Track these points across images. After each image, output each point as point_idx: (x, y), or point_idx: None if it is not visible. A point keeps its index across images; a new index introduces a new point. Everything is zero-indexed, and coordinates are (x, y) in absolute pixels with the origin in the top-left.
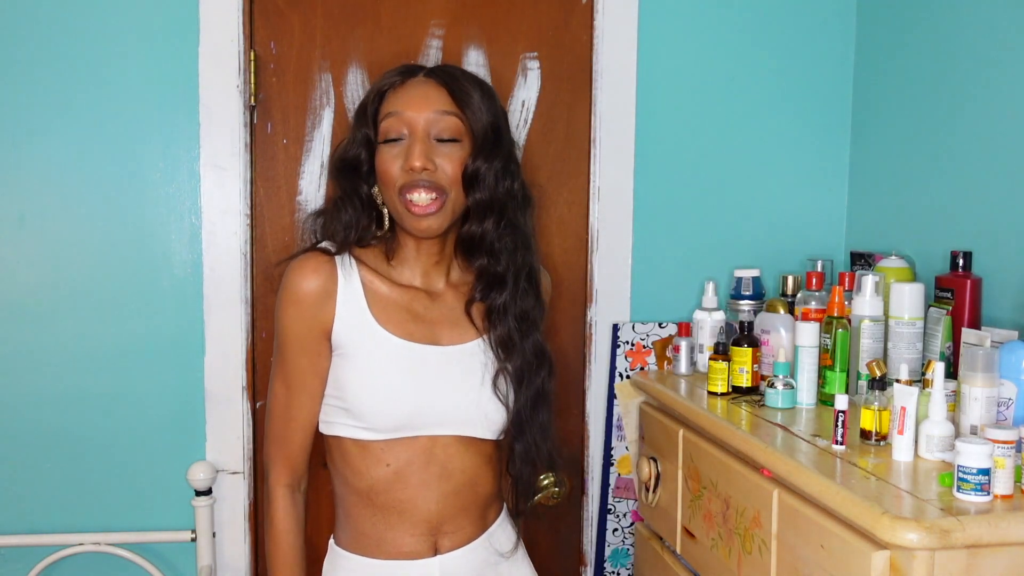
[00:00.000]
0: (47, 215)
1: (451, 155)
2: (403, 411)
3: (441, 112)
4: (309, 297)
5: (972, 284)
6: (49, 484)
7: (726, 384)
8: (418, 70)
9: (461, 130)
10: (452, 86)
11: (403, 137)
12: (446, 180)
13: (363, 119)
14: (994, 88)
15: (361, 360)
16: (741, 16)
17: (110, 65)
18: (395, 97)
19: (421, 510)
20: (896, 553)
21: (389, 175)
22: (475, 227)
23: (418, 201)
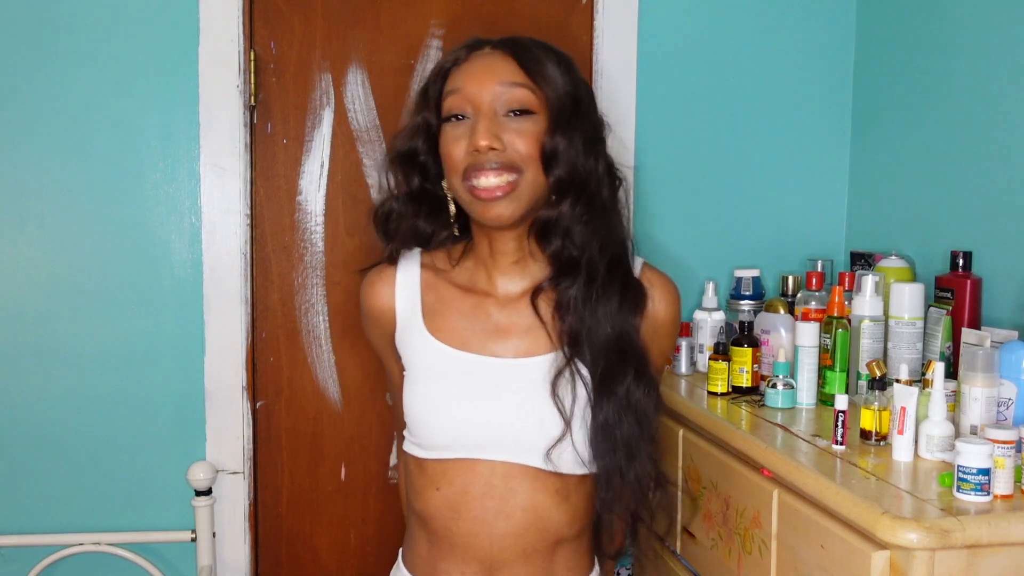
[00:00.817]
0: (47, 215)
1: (523, 130)
2: (453, 427)
3: (508, 84)
4: (372, 311)
5: (972, 284)
6: (49, 484)
7: (726, 384)
8: (484, 43)
9: (534, 102)
10: (521, 55)
11: (467, 115)
12: (519, 158)
13: (424, 102)
14: (994, 88)
15: (413, 370)
16: (741, 16)
17: (110, 65)
18: (458, 73)
19: (473, 547)
20: (896, 553)
21: (452, 158)
22: (550, 210)
23: (484, 185)
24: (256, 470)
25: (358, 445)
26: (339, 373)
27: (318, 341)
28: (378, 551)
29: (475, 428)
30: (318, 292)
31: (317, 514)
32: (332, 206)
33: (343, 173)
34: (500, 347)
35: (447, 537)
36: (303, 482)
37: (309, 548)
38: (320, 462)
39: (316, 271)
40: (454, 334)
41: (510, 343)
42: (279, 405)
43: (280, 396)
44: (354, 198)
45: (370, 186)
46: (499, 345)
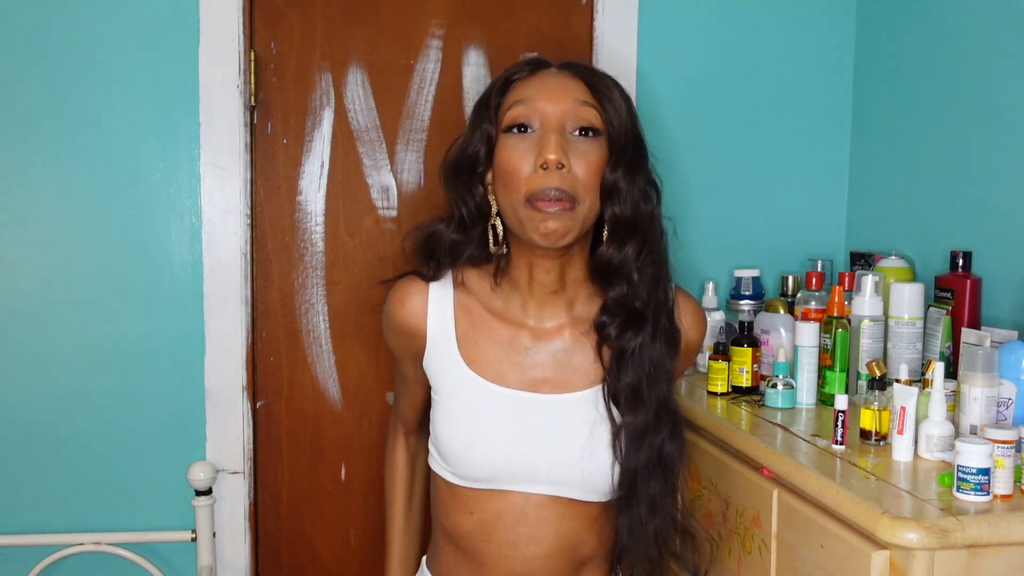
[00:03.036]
0: (47, 215)
1: (588, 154)
2: (487, 463)
3: (580, 102)
4: (399, 326)
5: (972, 284)
6: (49, 484)
7: (726, 384)
8: (548, 64)
9: (601, 124)
10: (590, 79)
11: (533, 128)
12: (578, 184)
13: (484, 113)
14: (994, 88)
15: (447, 401)
16: (741, 16)
17: (110, 65)
18: (525, 86)
19: (503, 568)
20: (896, 553)
21: (515, 175)
22: (614, 250)
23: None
24: (256, 470)
25: (358, 445)
26: (339, 373)
27: (318, 341)
28: (378, 551)
29: (511, 463)
30: (318, 292)
31: (317, 514)
32: (332, 206)
33: (343, 173)
34: (536, 382)
35: (477, 556)
36: (303, 482)
37: (309, 548)
38: (320, 462)
39: (316, 271)
40: (490, 366)
41: (546, 378)
42: (279, 405)
43: (280, 396)
44: (354, 198)
45: (370, 186)
46: (535, 379)
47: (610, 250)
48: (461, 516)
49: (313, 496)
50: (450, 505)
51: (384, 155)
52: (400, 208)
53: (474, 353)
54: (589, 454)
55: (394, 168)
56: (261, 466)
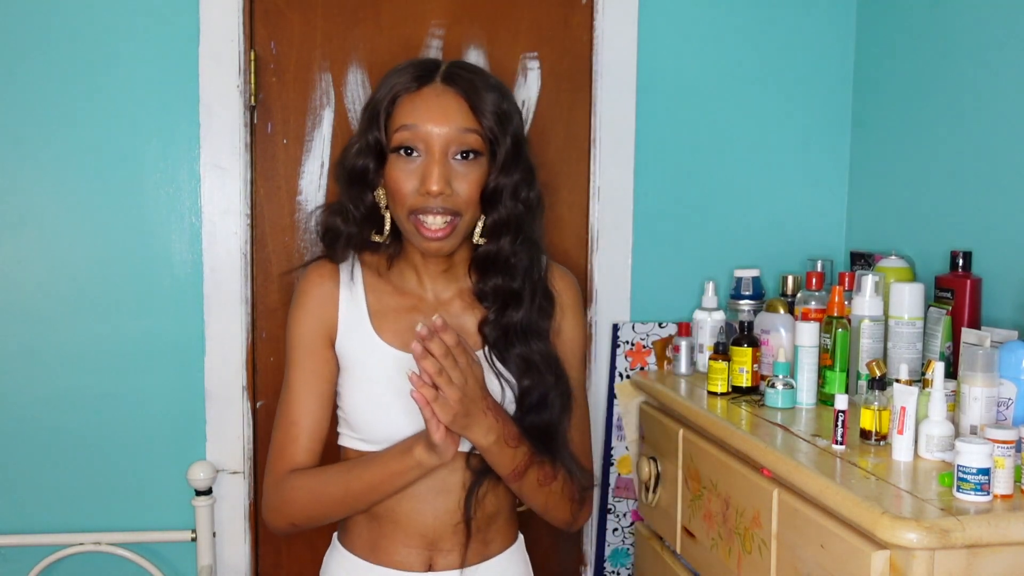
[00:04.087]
0: (47, 215)
1: (469, 175)
2: (396, 424)
3: (462, 129)
4: (313, 300)
5: (972, 284)
6: (49, 484)
7: (726, 384)
8: (433, 72)
9: (482, 146)
10: (472, 97)
11: (419, 152)
12: (462, 203)
13: (373, 122)
14: (994, 88)
15: (359, 371)
16: (741, 16)
17: (110, 65)
18: (411, 106)
19: (416, 523)
20: (896, 553)
21: (401, 193)
22: (491, 246)
23: (431, 225)
24: (256, 470)
25: None
26: None
27: None
28: None
29: (416, 423)
30: None
31: None
32: None
33: None
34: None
35: (390, 516)
36: None
37: (309, 548)
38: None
39: None
40: (397, 336)
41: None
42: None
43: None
44: None
45: None
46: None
47: (488, 246)
48: None
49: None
50: None
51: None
52: None
53: (382, 325)
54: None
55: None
56: (261, 466)
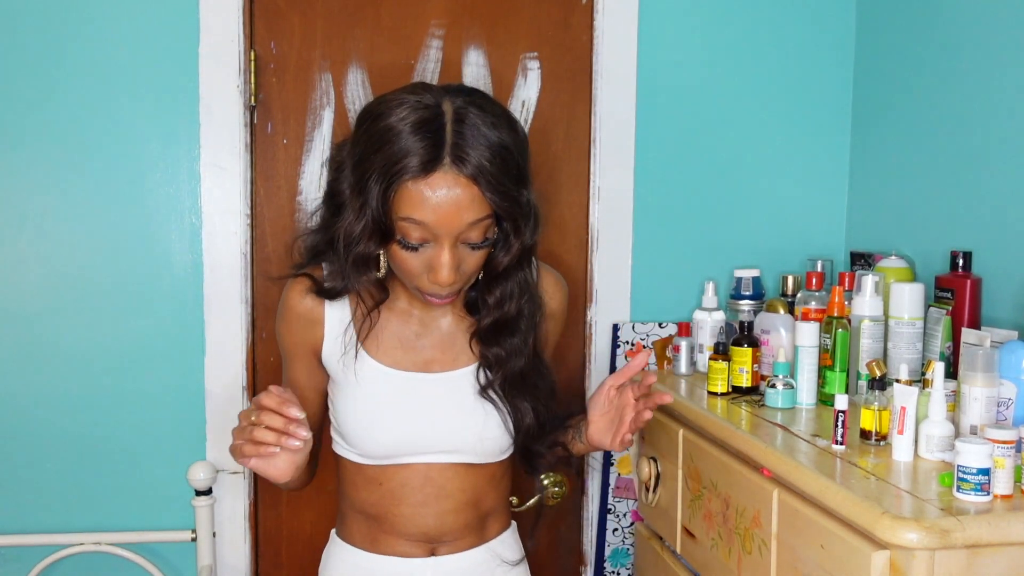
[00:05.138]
0: (47, 215)
1: (476, 255)
2: (390, 440)
3: (473, 223)
4: (297, 318)
5: (972, 284)
6: (49, 484)
7: (726, 384)
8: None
9: (491, 227)
10: (482, 182)
11: (426, 242)
12: (468, 277)
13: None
14: (994, 88)
15: (349, 388)
16: (741, 16)
17: (110, 65)
18: (419, 197)
19: (418, 525)
20: (896, 553)
21: (410, 273)
22: (497, 314)
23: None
24: None
25: None
26: None
27: None
28: None
29: (411, 439)
30: None
31: (317, 514)
32: None
33: None
34: (427, 362)
35: (390, 520)
36: None
37: (309, 548)
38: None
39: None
40: (386, 353)
41: (435, 358)
42: None
43: None
44: None
45: None
46: (425, 360)
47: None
48: (370, 488)
49: (313, 496)
50: (358, 481)
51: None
52: None
53: (370, 341)
54: (482, 423)
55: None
56: None
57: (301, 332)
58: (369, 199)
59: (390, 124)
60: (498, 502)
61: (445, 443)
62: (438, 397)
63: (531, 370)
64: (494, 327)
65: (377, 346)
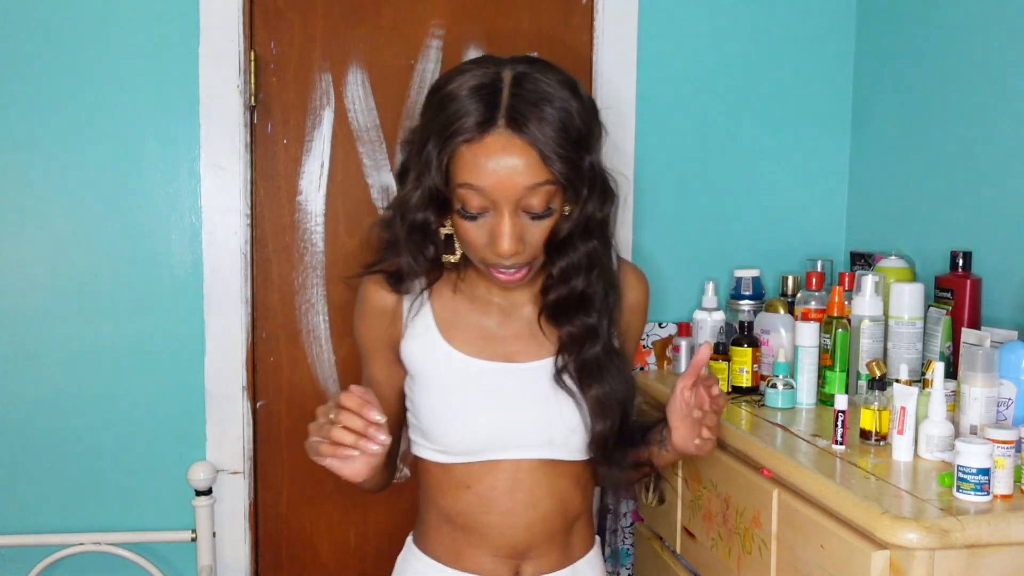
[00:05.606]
0: (47, 215)
1: (540, 225)
2: (478, 433)
3: (531, 187)
4: (375, 314)
5: (972, 284)
6: (49, 484)
7: (726, 384)
8: (495, 109)
9: (554, 196)
10: (540, 143)
11: (486, 210)
12: (534, 251)
13: (428, 166)
14: (994, 88)
15: (431, 381)
16: (741, 16)
17: (110, 65)
18: (472, 161)
19: (507, 536)
20: (896, 553)
21: (471, 246)
22: (563, 289)
23: (504, 272)
24: (256, 470)
25: None
26: (339, 373)
27: (318, 341)
28: (378, 551)
29: (497, 432)
30: (318, 292)
31: (317, 514)
32: (332, 206)
33: (343, 173)
34: (509, 352)
35: (479, 530)
36: (303, 482)
37: (309, 548)
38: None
39: (316, 271)
40: (467, 343)
41: (518, 348)
42: (279, 405)
43: (280, 396)
44: (354, 198)
45: (370, 186)
46: (508, 351)
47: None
48: (458, 492)
49: (313, 496)
50: (444, 484)
51: (384, 155)
52: None
53: (450, 331)
54: (572, 413)
55: (394, 168)
56: (261, 466)
57: (379, 327)
58: (428, 167)
59: (449, 90)
60: (583, 508)
61: (531, 436)
62: (522, 388)
63: (608, 361)
64: (562, 303)
65: (457, 335)
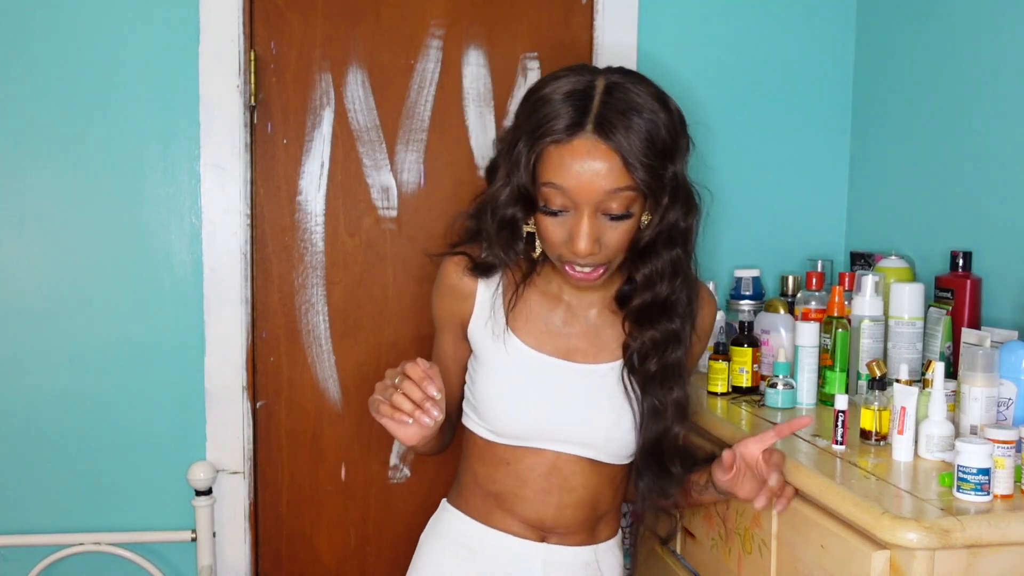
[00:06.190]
0: (47, 215)
1: (618, 228)
2: (526, 422)
3: (612, 192)
4: (450, 291)
5: (972, 284)
6: (49, 484)
7: (726, 384)
8: (586, 114)
9: (634, 203)
10: (626, 152)
11: (567, 209)
12: (611, 254)
13: (516, 165)
14: (994, 88)
15: (491, 364)
16: (741, 17)
17: (110, 65)
18: (559, 161)
19: (537, 512)
20: (896, 553)
21: (550, 242)
22: (647, 295)
23: (579, 271)
24: (256, 470)
25: (358, 445)
26: (339, 373)
27: (318, 341)
28: (378, 551)
29: (545, 425)
30: (318, 292)
31: (317, 514)
32: (332, 206)
33: (343, 173)
34: (570, 351)
35: (511, 501)
36: (303, 482)
37: (309, 548)
38: (320, 462)
39: (316, 271)
40: (531, 335)
41: (580, 348)
42: (279, 405)
43: (280, 396)
44: (354, 198)
45: (370, 186)
46: (569, 349)
47: (644, 296)
48: (498, 467)
49: (313, 496)
50: (487, 457)
51: (384, 155)
52: (400, 208)
53: (517, 321)
54: (613, 423)
55: (394, 168)
56: (261, 466)
57: (452, 304)
58: (517, 165)
59: (543, 94)
60: (613, 506)
61: (574, 435)
62: (575, 387)
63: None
64: (646, 308)
65: (523, 326)
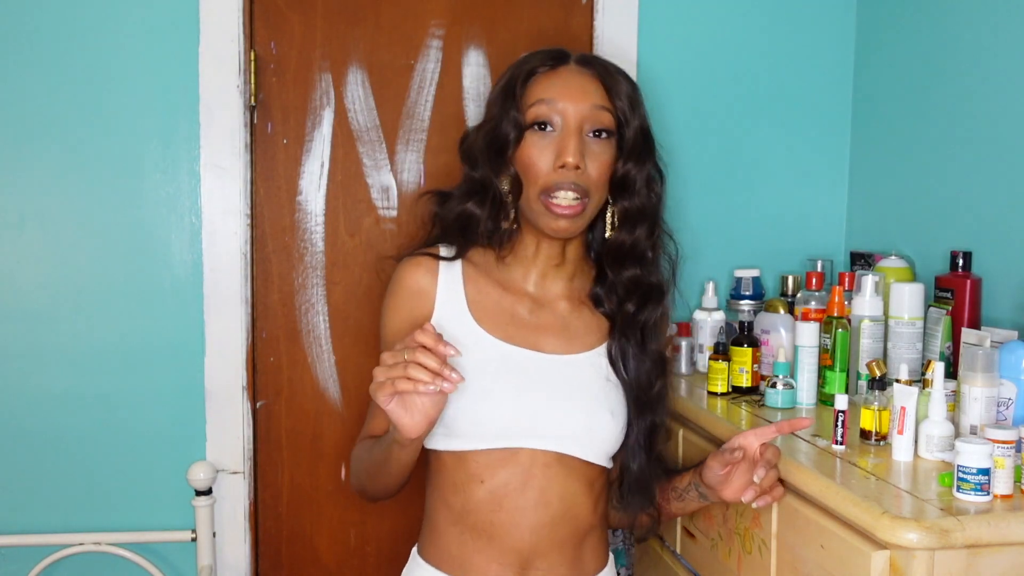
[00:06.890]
0: (47, 215)
1: (601, 155)
2: (498, 418)
3: (597, 107)
4: (407, 292)
5: (972, 284)
6: (49, 484)
7: (726, 384)
8: (566, 56)
9: (613, 125)
10: (606, 80)
11: (554, 127)
12: (591, 183)
13: (510, 100)
14: (994, 88)
15: (457, 361)
16: (741, 16)
17: (110, 65)
18: (547, 82)
19: (513, 537)
20: (896, 553)
21: (536, 169)
22: (625, 235)
23: (562, 200)
24: (256, 470)
25: None
26: (339, 373)
27: (318, 341)
28: (378, 551)
29: (520, 417)
30: (318, 292)
31: (317, 514)
32: (332, 206)
33: (343, 173)
34: (540, 342)
35: (487, 530)
36: (303, 482)
37: (309, 548)
38: (320, 462)
39: (316, 271)
40: (499, 327)
41: (548, 340)
42: (279, 405)
43: (280, 396)
44: (354, 198)
45: (370, 186)
46: (539, 340)
47: (622, 235)
48: (472, 487)
49: (313, 496)
50: (459, 480)
51: (384, 155)
52: (400, 208)
53: (482, 315)
54: (593, 412)
55: (394, 168)
56: (261, 466)
57: (410, 307)
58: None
59: (517, 62)
60: (594, 521)
61: (551, 428)
62: (549, 378)
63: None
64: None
65: (487, 319)
